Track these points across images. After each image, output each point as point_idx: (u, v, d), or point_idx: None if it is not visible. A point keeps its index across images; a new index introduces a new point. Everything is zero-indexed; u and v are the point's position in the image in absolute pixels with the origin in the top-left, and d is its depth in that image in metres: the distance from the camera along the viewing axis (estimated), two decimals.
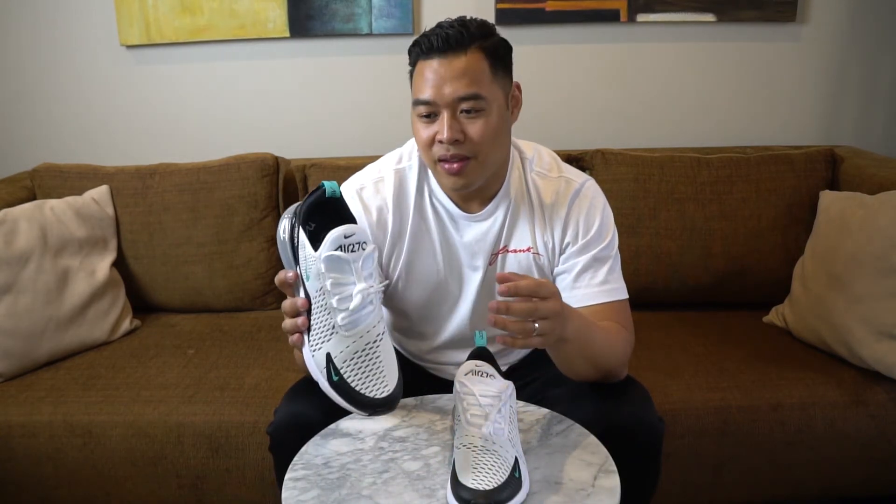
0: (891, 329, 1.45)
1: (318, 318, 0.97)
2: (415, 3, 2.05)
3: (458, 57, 1.08)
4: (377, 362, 0.98)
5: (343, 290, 0.95)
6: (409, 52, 1.14)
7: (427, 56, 1.10)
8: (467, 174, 1.12)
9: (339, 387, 0.96)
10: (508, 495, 0.87)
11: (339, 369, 0.96)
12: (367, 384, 0.97)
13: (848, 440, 1.45)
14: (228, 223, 1.87)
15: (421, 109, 1.11)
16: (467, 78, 1.08)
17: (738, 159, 1.85)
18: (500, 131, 1.13)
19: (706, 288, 1.84)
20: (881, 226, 1.51)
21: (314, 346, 0.98)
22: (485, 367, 1.01)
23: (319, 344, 0.97)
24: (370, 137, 2.11)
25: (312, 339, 0.98)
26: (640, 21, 2.05)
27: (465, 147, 1.10)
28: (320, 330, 0.97)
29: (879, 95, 2.13)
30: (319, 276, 0.95)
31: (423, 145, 1.13)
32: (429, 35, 1.10)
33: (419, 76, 1.11)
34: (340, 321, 0.96)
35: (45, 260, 1.68)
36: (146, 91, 2.14)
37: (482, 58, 1.09)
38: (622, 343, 1.14)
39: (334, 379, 0.96)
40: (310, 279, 0.97)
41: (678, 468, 1.43)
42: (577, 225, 1.19)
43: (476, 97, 1.09)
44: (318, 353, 0.98)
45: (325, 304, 0.96)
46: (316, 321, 0.97)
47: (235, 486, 1.46)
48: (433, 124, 1.11)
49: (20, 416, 1.46)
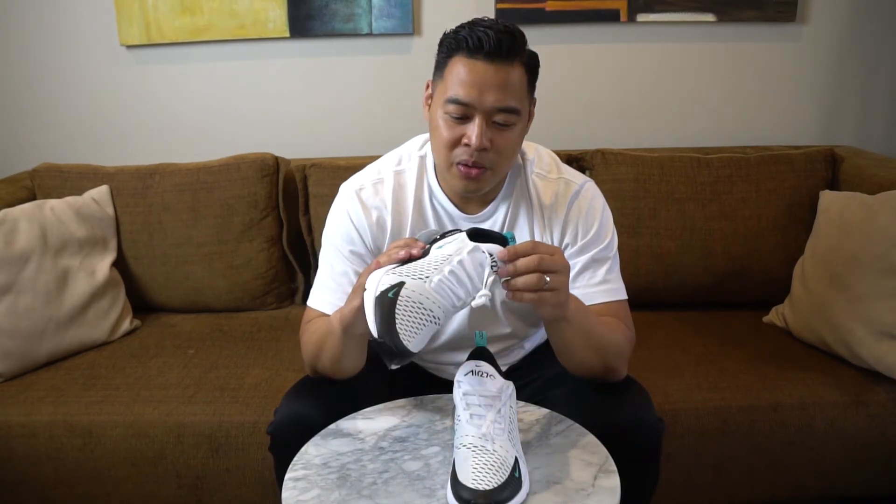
0: (891, 329, 1.45)
1: (421, 263, 0.94)
2: (415, 3, 2.05)
3: (506, 66, 1.05)
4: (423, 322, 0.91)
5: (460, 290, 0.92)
6: (444, 42, 1.09)
7: (472, 55, 1.05)
8: (482, 181, 1.12)
9: (382, 302, 0.91)
10: (508, 495, 0.87)
11: (399, 296, 0.90)
12: (405, 327, 0.90)
13: (848, 440, 1.45)
14: (228, 223, 1.87)
15: (453, 109, 1.07)
16: (510, 89, 1.06)
17: (738, 159, 1.85)
18: (519, 144, 1.14)
19: (706, 288, 1.84)
20: (881, 226, 1.51)
21: (399, 272, 0.93)
22: (485, 367, 1.01)
23: (405, 274, 0.92)
24: (370, 137, 2.11)
25: (400, 269, 0.93)
26: (640, 21, 2.05)
27: (487, 156, 1.09)
28: (415, 268, 0.93)
29: (879, 95, 2.13)
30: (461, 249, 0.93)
31: (444, 144, 1.10)
32: (479, 35, 1.04)
33: (457, 73, 1.06)
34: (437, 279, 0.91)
35: (45, 260, 1.68)
36: (146, 91, 2.14)
37: (522, 71, 1.08)
38: (622, 336, 1.14)
39: (389, 296, 0.90)
40: (442, 247, 0.94)
41: (678, 468, 1.43)
42: (576, 226, 1.19)
43: (514, 111, 1.07)
44: (394, 277, 0.92)
45: (442, 263, 0.93)
46: (418, 263, 0.94)
47: (235, 486, 1.46)
48: (461, 126, 1.08)
49: (20, 416, 1.46)
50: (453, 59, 1.07)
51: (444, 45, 1.10)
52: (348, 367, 1.12)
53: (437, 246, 0.96)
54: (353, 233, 1.20)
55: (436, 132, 1.11)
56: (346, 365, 1.12)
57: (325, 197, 1.76)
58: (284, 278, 1.96)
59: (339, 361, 1.11)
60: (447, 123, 1.09)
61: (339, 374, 1.14)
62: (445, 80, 1.09)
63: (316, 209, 1.86)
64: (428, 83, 1.16)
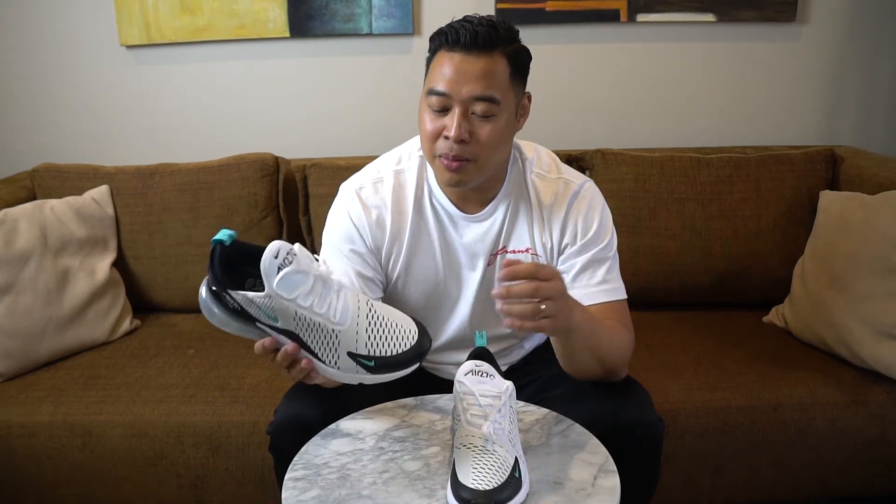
0: (891, 329, 1.45)
1: (314, 339, 0.95)
2: (415, 3, 2.05)
3: (482, 57, 1.07)
4: (386, 320, 0.96)
5: (313, 296, 0.92)
6: (431, 39, 1.13)
7: (451, 48, 1.08)
8: (465, 173, 1.12)
9: (379, 367, 0.95)
10: (508, 495, 0.87)
11: (367, 354, 0.95)
12: (395, 343, 0.95)
13: (848, 440, 1.45)
14: (228, 223, 1.87)
15: (433, 101, 1.10)
16: (487, 79, 1.07)
17: (738, 159, 1.85)
18: (504, 138, 1.14)
19: (706, 288, 1.84)
20: (881, 226, 1.51)
21: (332, 361, 0.96)
22: (485, 367, 1.01)
23: (334, 355, 0.95)
24: (370, 137, 2.11)
25: (326, 358, 0.95)
26: (640, 21, 2.05)
27: (468, 149, 1.09)
28: (325, 344, 0.95)
29: (879, 95, 2.12)
30: (286, 306, 0.91)
31: (427, 137, 1.12)
32: (457, 28, 1.08)
33: (438, 66, 1.10)
34: (334, 318, 0.93)
35: (45, 260, 1.68)
36: (146, 91, 2.14)
37: (504, 62, 1.09)
38: (625, 341, 1.15)
39: (370, 365, 0.95)
40: (279, 319, 0.93)
41: (678, 468, 1.43)
42: (575, 226, 1.19)
43: (491, 100, 1.08)
44: (341, 362, 0.95)
45: (310, 323, 0.93)
46: (315, 344, 0.95)
47: (235, 486, 1.46)
48: (442, 118, 1.10)
49: (20, 416, 1.46)
50: (437, 54, 1.11)
51: (432, 42, 1.13)
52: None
53: (256, 314, 0.93)
54: (353, 232, 1.20)
55: (421, 126, 1.13)
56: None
57: (325, 197, 1.76)
58: None
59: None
60: (429, 116, 1.11)
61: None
62: (429, 75, 1.12)
63: (316, 209, 1.86)
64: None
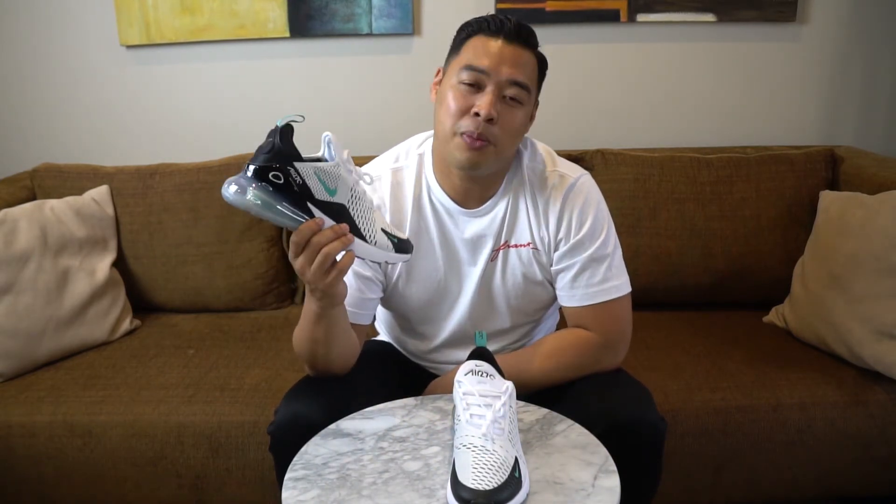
0: (891, 329, 1.45)
1: (361, 212, 1.01)
2: (415, 3, 2.05)
3: (521, 48, 1.13)
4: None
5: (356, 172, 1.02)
6: (465, 25, 1.16)
7: (493, 34, 1.12)
8: (483, 155, 1.12)
9: (400, 245, 1.05)
10: (508, 495, 0.87)
11: (391, 233, 1.04)
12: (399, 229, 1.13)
13: (848, 440, 1.45)
14: (228, 223, 1.87)
15: (467, 76, 1.11)
16: (524, 68, 1.12)
17: (738, 159, 1.85)
18: (521, 130, 1.17)
19: (706, 288, 1.84)
20: (881, 226, 1.51)
21: (371, 237, 1.02)
22: (485, 367, 1.01)
23: (373, 231, 1.02)
24: (370, 137, 2.09)
25: (367, 234, 1.01)
26: (640, 21, 2.05)
27: (492, 130, 1.11)
28: (367, 219, 1.01)
29: (879, 95, 2.12)
30: (346, 178, 0.99)
31: (452, 113, 1.12)
32: (499, 17, 1.13)
33: (476, 47, 1.12)
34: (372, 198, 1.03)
35: (45, 260, 1.68)
36: (146, 91, 2.14)
37: (535, 62, 1.15)
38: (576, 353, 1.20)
39: (396, 242, 1.04)
40: (338, 191, 0.98)
41: (678, 468, 1.43)
42: (570, 221, 1.19)
43: (526, 87, 1.12)
44: (377, 237, 1.02)
45: (360, 197, 1.01)
46: (360, 218, 1.01)
47: (235, 486, 1.46)
48: (472, 95, 1.11)
49: (20, 416, 1.46)
50: (473, 39, 1.13)
51: (464, 30, 1.16)
52: (339, 352, 1.13)
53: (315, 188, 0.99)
54: None
55: (443, 104, 1.14)
56: (336, 350, 1.12)
57: None
58: (284, 278, 1.96)
59: (328, 346, 1.11)
60: (458, 93, 1.12)
61: (333, 364, 1.14)
62: (462, 55, 1.14)
63: None
64: (439, 70, 1.20)
